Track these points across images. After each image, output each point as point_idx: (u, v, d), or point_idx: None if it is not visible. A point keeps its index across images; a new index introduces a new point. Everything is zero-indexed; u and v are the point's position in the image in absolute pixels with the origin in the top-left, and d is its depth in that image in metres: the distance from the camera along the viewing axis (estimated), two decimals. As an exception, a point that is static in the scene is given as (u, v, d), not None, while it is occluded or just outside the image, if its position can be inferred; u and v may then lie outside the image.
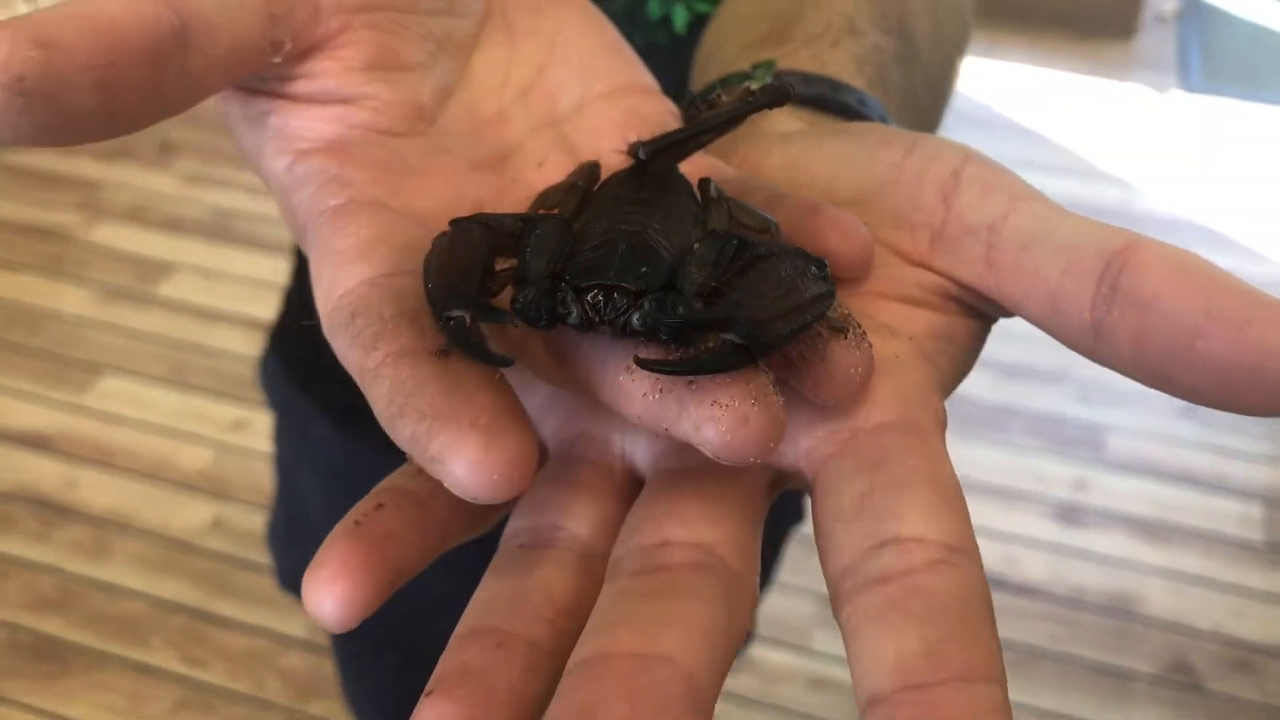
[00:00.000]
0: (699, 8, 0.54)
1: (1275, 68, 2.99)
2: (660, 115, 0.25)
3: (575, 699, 0.15)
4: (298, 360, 0.78)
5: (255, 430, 1.83)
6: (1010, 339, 1.90)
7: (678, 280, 0.17)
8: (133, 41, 0.20)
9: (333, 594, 0.18)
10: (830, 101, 0.28)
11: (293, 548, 0.88)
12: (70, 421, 1.85)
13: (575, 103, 0.25)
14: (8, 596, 1.60)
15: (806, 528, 0.76)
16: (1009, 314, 0.23)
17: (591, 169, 0.22)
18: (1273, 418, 0.19)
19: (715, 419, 0.16)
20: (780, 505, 0.21)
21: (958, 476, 0.20)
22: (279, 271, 2.10)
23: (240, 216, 2.30)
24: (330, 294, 0.20)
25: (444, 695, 0.17)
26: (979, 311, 0.23)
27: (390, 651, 0.76)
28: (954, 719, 0.14)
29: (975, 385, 1.99)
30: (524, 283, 0.18)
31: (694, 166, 0.23)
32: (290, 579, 0.89)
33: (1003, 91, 2.82)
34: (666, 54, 0.56)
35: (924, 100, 0.34)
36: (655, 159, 0.21)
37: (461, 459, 0.16)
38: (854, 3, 0.33)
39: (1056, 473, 1.84)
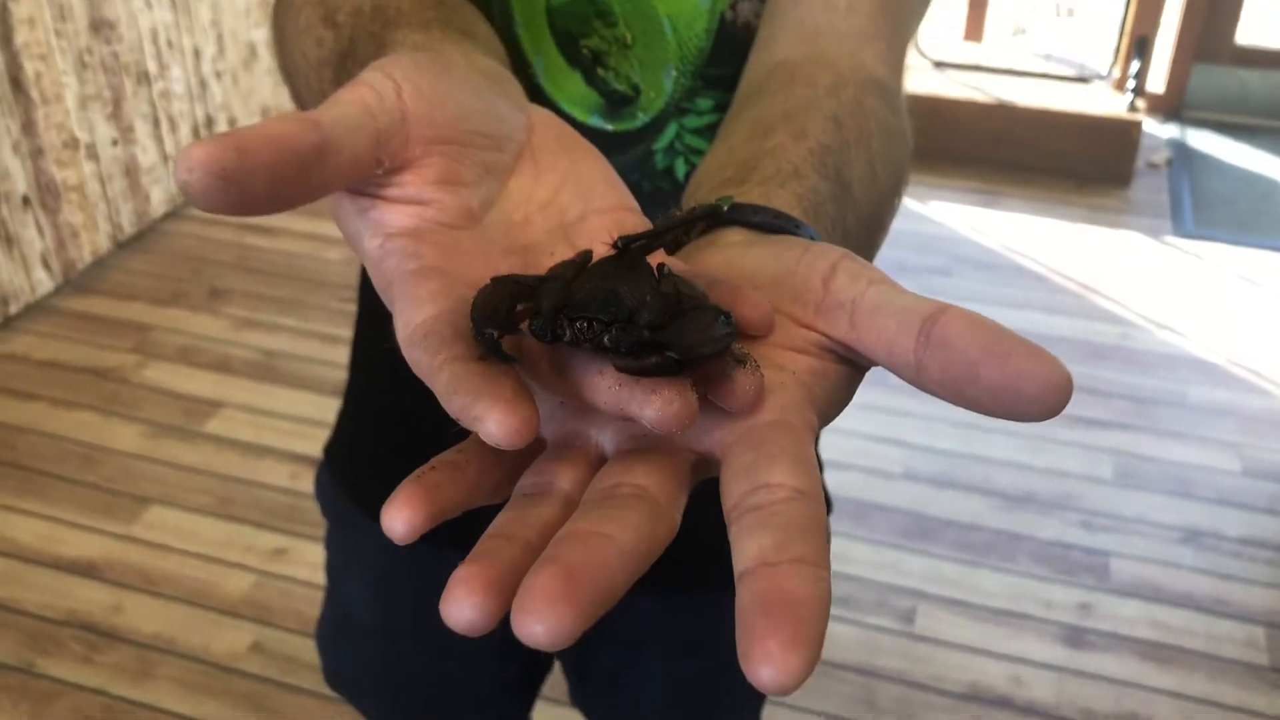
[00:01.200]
0: (696, 160, 0.67)
1: (1263, 213, 3.13)
2: (638, 226, 0.36)
3: (550, 552, 0.26)
4: (349, 471, 0.89)
5: (295, 558, 1.92)
6: (1014, 469, 1.99)
7: (635, 318, 0.28)
8: (291, 152, 0.30)
9: (400, 517, 0.28)
10: (774, 226, 0.39)
11: (341, 646, 0.96)
12: (118, 550, 1.95)
13: (579, 215, 0.36)
14: (56, 718, 1.68)
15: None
16: (871, 362, 0.33)
17: (586, 254, 0.33)
18: (1039, 422, 0.29)
19: (654, 403, 0.27)
20: None
21: (825, 501, 0.29)
22: (321, 408, 2.23)
23: (285, 357, 2.44)
24: (408, 324, 0.30)
25: (468, 563, 0.27)
26: (847, 360, 0.33)
27: None
28: (788, 584, 0.24)
29: (981, 513, 2.07)
30: (537, 315, 0.29)
31: (656, 258, 0.33)
32: (337, 678, 0.97)
33: (1005, 237, 2.97)
34: (672, 199, 0.68)
35: (855, 228, 0.45)
36: (628, 248, 0.32)
37: (493, 419, 0.26)
38: (800, 155, 0.44)
39: (1062, 597, 1.90)
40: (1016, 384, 0.28)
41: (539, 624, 0.24)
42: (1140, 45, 3.29)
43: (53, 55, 2.52)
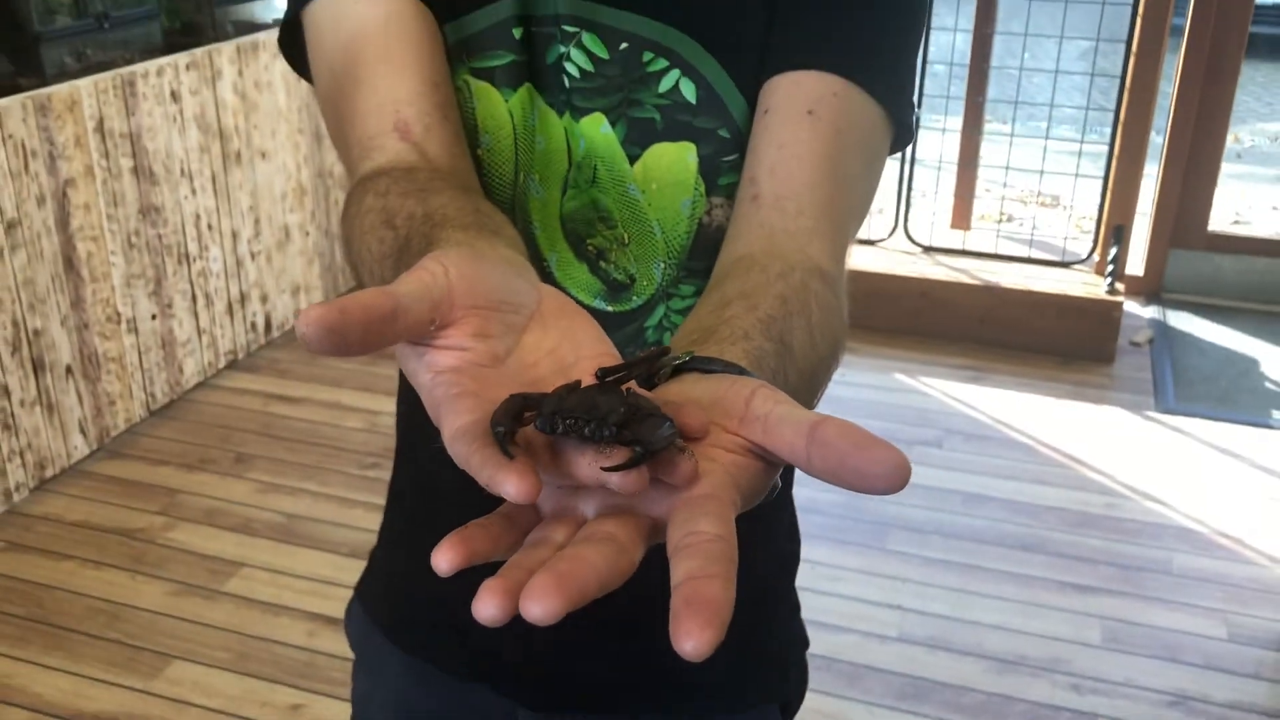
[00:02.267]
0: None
1: (1242, 389, 3.27)
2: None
3: (547, 565, 0.37)
4: (378, 605, 1.00)
5: (311, 714, 1.99)
6: (1005, 633, 2.07)
7: (607, 419, 0.41)
8: (375, 315, 0.44)
9: (445, 556, 0.40)
10: (723, 372, 0.52)
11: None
12: (140, 705, 2.02)
13: (574, 360, 0.49)
14: None
15: None
16: (779, 459, 0.45)
17: (576, 381, 0.46)
18: (887, 495, 0.41)
19: (619, 478, 0.40)
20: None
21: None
22: (338, 568, 2.34)
23: (305, 520, 2.55)
24: (451, 428, 0.43)
25: (493, 580, 0.38)
26: (761, 457, 0.45)
27: None
28: (705, 590, 0.35)
29: (973, 676, 2.13)
30: (540, 416, 0.42)
31: (627, 386, 0.46)
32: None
33: (994, 411, 3.11)
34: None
35: (796, 381, 0.59)
36: (606, 378, 0.45)
37: (510, 483, 0.39)
38: (750, 322, 0.58)
39: (1052, 758, 1.95)
40: (871, 468, 0.40)
41: (536, 605, 0.36)
42: (1118, 233, 3.51)
43: (104, 237, 2.73)
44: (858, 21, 0.73)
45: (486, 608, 0.37)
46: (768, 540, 0.96)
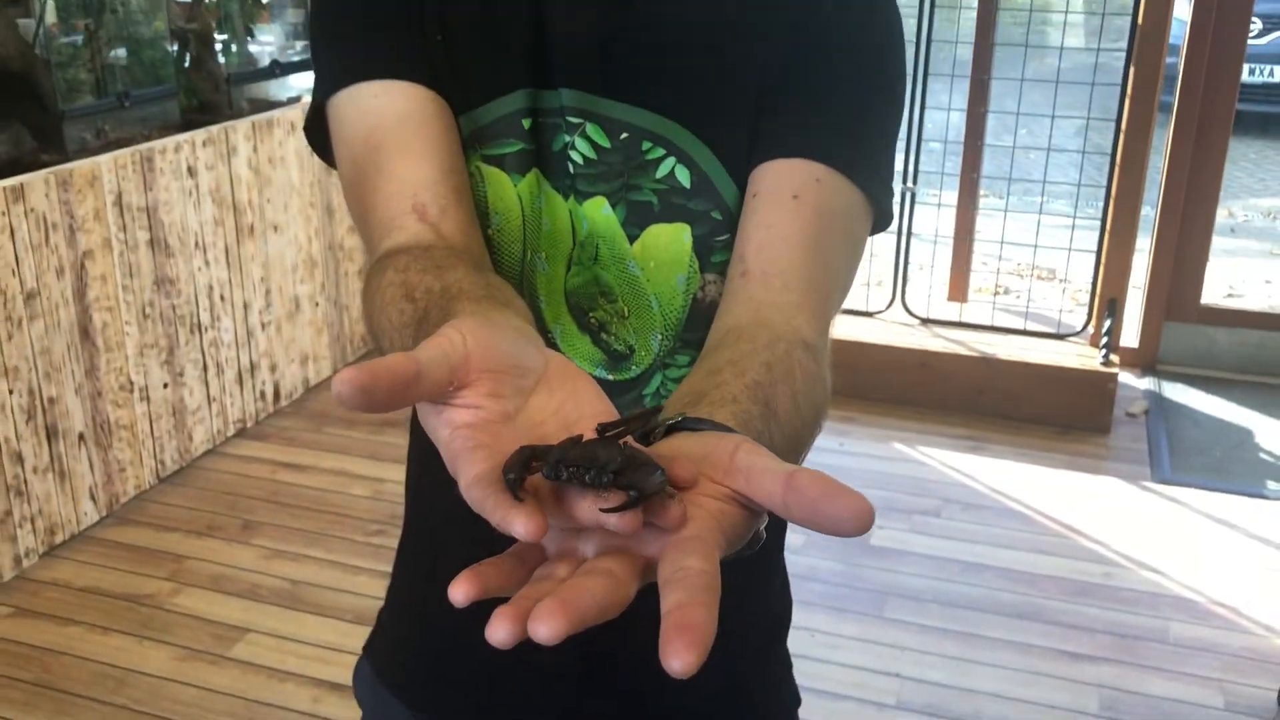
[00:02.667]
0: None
1: (1237, 460, 3.31)
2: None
3: (553, 592, 0.42)
4: (386, 664, 1.04)
5: (312, 777, 2.01)
6: (1003, 701, 2.11)
7: (606, 468, 0.46)
8: (401, 377, 0.49)
9: (460, 589, 0.44)
10: (711, 431, 0.57)
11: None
12: (144, 770, 2.04)
13: (577, 418, 0.54)
14: None
15: None
16: (761, 506, 0.49)
17: (579, 436, 0.50)
18: (855, 537, 0.45)
19: (616, 518, 0.45)
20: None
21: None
22: (342, 634, 2.37)
23: (310, 586, 2.58)
24: (467, 476, 0.48)
25: (505, 607, 0.43)
26: (744, 505, 0.50)
27: None
28: (690, 616, 0.40)
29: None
30: (546, 465, 0.46)
31: (624, 440, 0.52)
32: None
33: (992, 481, 3.14)
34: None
35: (780, 442, 0.64)
36: (605, 432, 0.50)
37: (520, 523, 0.43)
38: (739, 388, 0.63)
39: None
40: (840, 513, 0.45)
41: (544, 626, 0.41)
42: (1111, 306, 3.58)
43: (119, 308, 2.80)
44: (839, 114, 0.80)
45: (499, 631, 0.42)
46: (761, 602, 1.01)
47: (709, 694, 0.92)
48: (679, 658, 0.39)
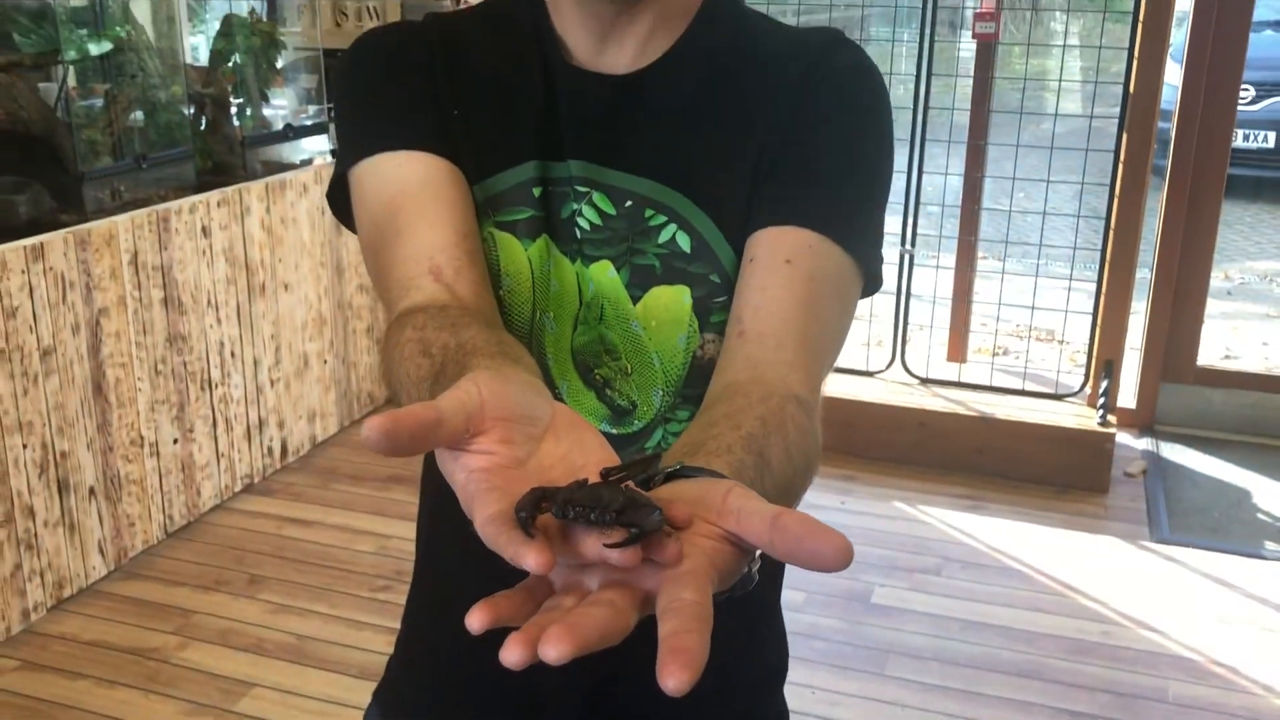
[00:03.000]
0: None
1: (1235, 520, 3.34)
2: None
3: (560, 619, 0.46)
4: (396, 710, 1.08)
5: (314, 831, 2.02)
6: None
7: (609, 508, 0.50)
8: (422, 425, 0.53)
9: (476, 618, 0.49)
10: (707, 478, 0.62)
11: None
12: (148, 823, 2.05)
13: (583, 464, 0.58)
14: None
15: None
16: (751, 545, 0.53)
17: (584, 479, 0.55)
18: (835, 572, 0.49)
19: (617, 553, 0.49)
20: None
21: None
22: (347, 688, 2.39)
23: (316, 641, 2.60)
24: (481, 515, 0.52)
25: (518, 633, 0.47)
26: (735, 544, 0.54)
27: None
28: (684, 642, 0.43)
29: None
30: (555, 505, 0.50)
31: (626, 484, 0.56)
32: None
33: (991, 540, 3.17)
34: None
35: (772, 490, 0.68)
36: (609, 476, 0.55)
37: (531, 557, 0.47)
38: (733, 439, 0.68)
39: None
40: (821, 549, 0.49)
41: (552, 648, 0.44)
42: (1108, 367, 3.62)
43: (132, 364, 2.86)
44: (831, 184, 0.86)
45: (512, 654, 0.46)
46: (759, 654, 1.04)
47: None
48: (674, 677, 0.43)
